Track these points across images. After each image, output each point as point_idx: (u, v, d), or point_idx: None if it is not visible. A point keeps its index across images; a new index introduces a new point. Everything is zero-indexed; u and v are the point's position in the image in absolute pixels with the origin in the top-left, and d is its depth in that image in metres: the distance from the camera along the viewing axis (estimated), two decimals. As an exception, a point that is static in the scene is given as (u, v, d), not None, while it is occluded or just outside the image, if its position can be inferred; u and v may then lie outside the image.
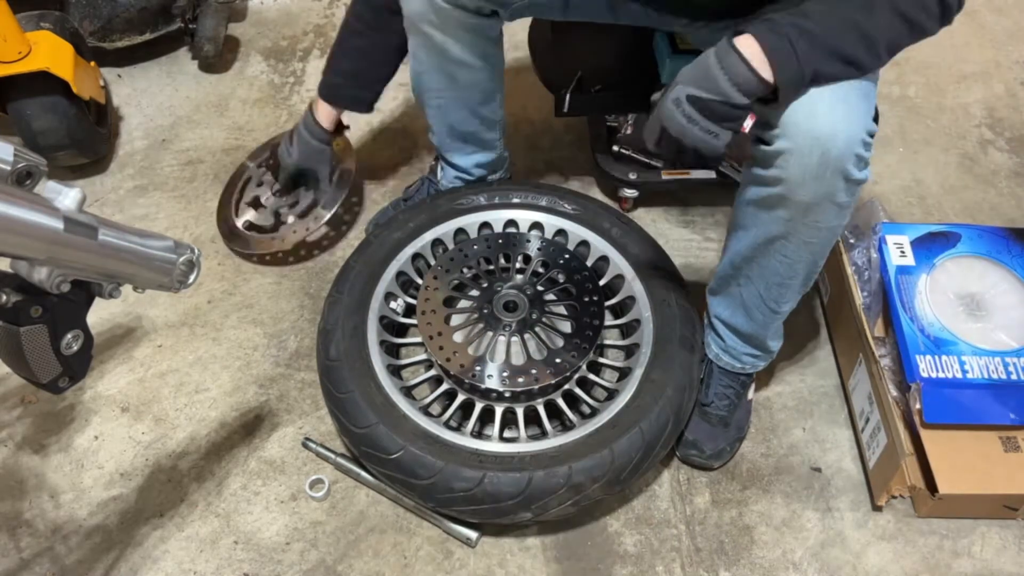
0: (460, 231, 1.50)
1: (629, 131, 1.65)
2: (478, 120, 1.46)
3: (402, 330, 1.48)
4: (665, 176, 1.65)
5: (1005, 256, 1.44)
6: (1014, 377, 1.29)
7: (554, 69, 1.56)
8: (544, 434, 1.28)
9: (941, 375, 1.30)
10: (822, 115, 0.98)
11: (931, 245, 1.45)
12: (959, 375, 1.30)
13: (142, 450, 1.37)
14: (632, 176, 1.64)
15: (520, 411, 1.29)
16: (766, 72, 0.95)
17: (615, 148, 1.67)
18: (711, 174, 1.65)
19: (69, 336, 0.90)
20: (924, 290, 1.39)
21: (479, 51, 1.33)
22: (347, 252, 1.52)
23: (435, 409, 1.36)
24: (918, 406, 1.27)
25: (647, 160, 1.66)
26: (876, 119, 1.06)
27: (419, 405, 1.28)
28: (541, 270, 1.44)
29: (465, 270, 1.43)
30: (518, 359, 1.32)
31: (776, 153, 1.02)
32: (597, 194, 1.75)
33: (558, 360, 1.29)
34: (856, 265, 1.48)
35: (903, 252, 1.44)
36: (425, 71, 1.38)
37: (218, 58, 1.99)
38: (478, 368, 1.28)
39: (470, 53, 1.33)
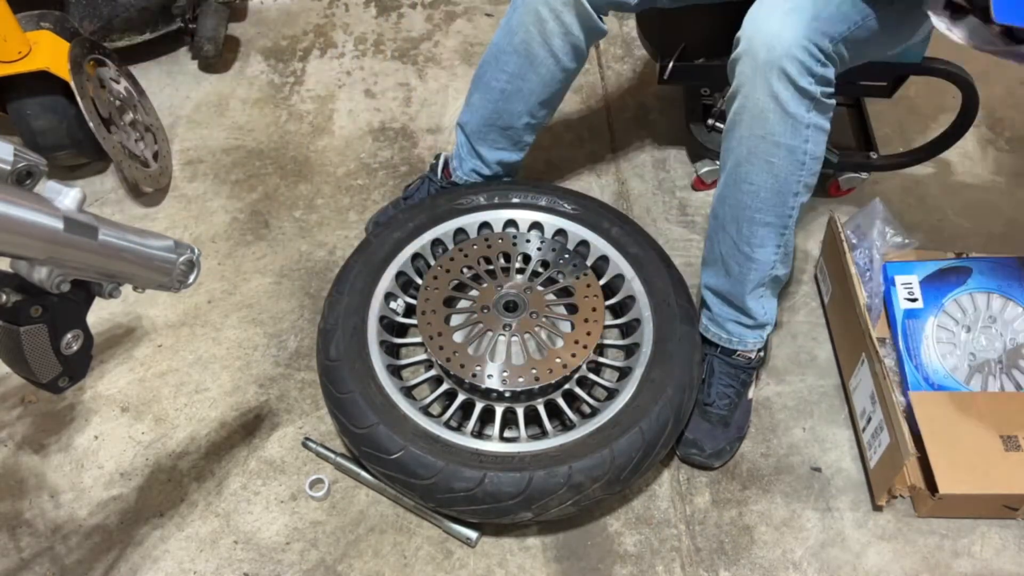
0: (460, 231, 1.50)
1: (724, 107, 1.69)
2: (528, 119, 1.48)
3: (402, 330, 1.48)
4: None
5: (1017, 289, 1.43)
6: None
7: (659, 38, 1.62)
8: (544, 434, 1.28)
9: None
10: (775, 20, 1.11)
11: (940, 285, 1.45)
12: None
13: (142, 450, 1.37)
14: None
15: (520, 411, 1.29)
16: None
17: (709, 121, 1.73)
18: None
19: (69, 336, 0.90)
20: (931, 335, 1.40)
21: (574, 53, 1.39)
22: (347, 252, 1.52)
23: (435, 409, 1.36)
24: (892, 364, 1.32)
25: None
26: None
27: (419, 405, 1.28)
28: (541, 270, 1.44)
29: (465, 270, 1.43)
30: (518, 359, 1.32)
31: (735, 60, 1.16)
32: (597, 193, 1.75)
33: (558, 360, 1.29)
34: (857, 266, 1.48)
35: (911, 294, 1.44)
36: (511, 52, 1.39)
37: (218, 58, 1.99)
38: (478, 368, 1.28)
39: (567, 51, 1.37)
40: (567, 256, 1.44)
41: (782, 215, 1.23)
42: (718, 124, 1.72)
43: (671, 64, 1.55)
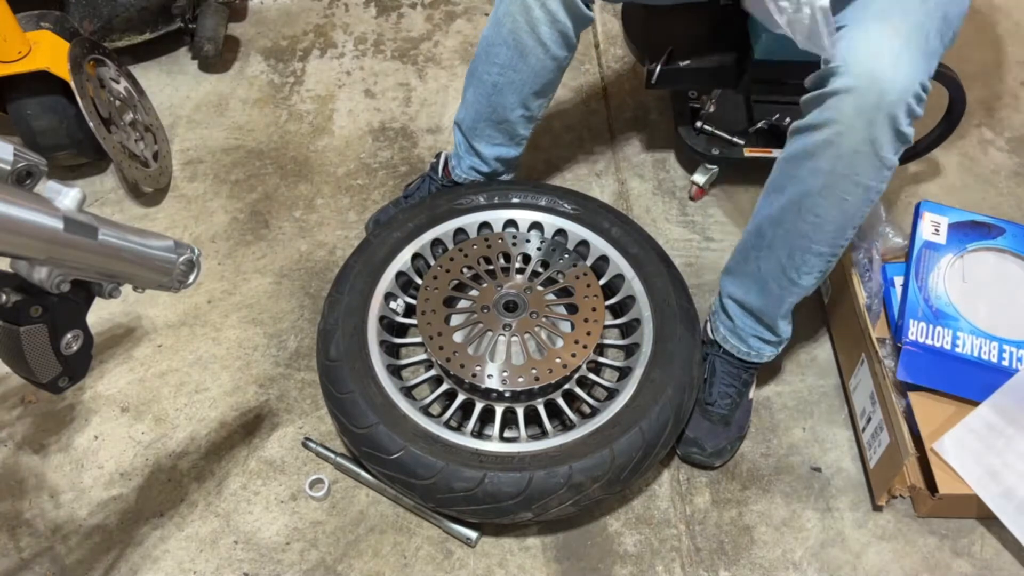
0: (460, 231, 1.50)
1: (712, 109, 1.70)
2: (523, 111, 1.47)
3: (402, 330, 1.48)
4: (748, 153, 1.68)
5: None
6: (1005, 363, 1.29)
7: (645, 42, 1.60)
8: (544, 434, 1.28)
9: (929, 342, 1.31)
10: (887, 59, 1.02)
11: (969, 232, 1.44)
12: (947, 347, 1.31)
13: (142, 450, 1.37)
14: (715, 151, 1.67)
15: (520, 411, 1.29)
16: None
17: (698, 124, 1.71)
18: None
19: (69, 336, 0.90)
20: (944, 267, 1.39)
21: (563, 41, 1.36)
22: (347, 252, 1.52)
23: (435, 409, 1.36)
24: (893, 364, 1.27)
25: (729, 137, 1.69)
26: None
27: (419, 405, 1.28)
28: (541, 270, 1.44)
29: (465, 270, 1.43)
30: (518, 359, 1.32)
31: (831, 93, 1.05)
32: (597, 193, 1.75)
33: (558, 360, 1.29)
34: (857, 266, 1.48)
35: (937, 231, 1.43)
36: (500, 43, 1.38)
37: (218, 58, 1.99)
38: (478, 368, 1.28)
39: (556, 38, 1.35)
40: (567, 256, 1.44)
41: (835, 245, 1.19)
42: (706, 127, 1.71)
43: (659, 68, 1.53)
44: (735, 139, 1.69)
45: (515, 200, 1.52)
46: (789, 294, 1.26)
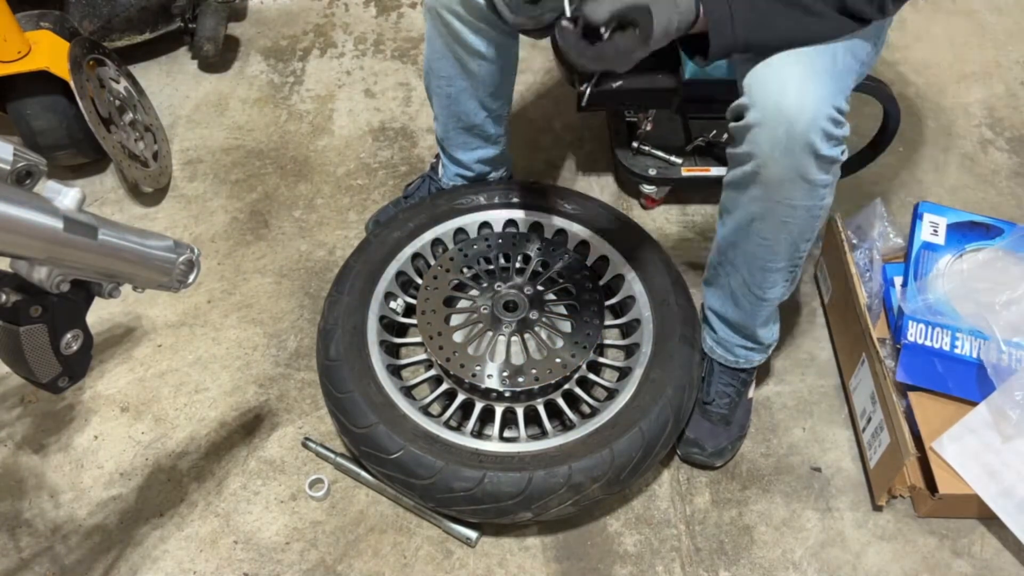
0: (460, 231, 1.50)
1: (649, 128, 1.66)
2: (485, 113, 1.46)
3: (402, 330, 1.48)
4: (685, 172, 1.65)
5: None
6: (1004, 363, 1.29)
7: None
8: (544, 434, 1.28)
9: (928, 343, 1.31)
10: (792, 90, 1.00)
11: (967, 232, 1.44)
12: (946, 348, 1.31)
13: (142, 450, 1.37)
14: (652, 172, 1.64)
15: (520, 411, 1.29)
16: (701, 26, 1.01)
17: (635, 144, 1.67)
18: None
19: (69, 336, 0.90)
20: (944, 268, 1.39)
21: (495, 43, 1.34)
22: (347, 252, 1.52)
23: (435, 409, 1.36)
24: (893, 364, 1.28)
25: (667, 157, 1.67)
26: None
27: (419, 405, 1.28)
28: (541, 270, 1.44)
29: (465, 270, 1.43)
30: (518, 359, 1.32)
31: (747, 127, 1.04)
32: (597, 193, 1.75)
33: (558, 360, 1.29)
34: (858, 266, 1.48)
35: (936, 231, 1.43)
36: (439, 58, 1.38)
37: (218, 58, 1.99)
38: (478, 368, 1.28)
39: (486, 44, 1.33)
40: (567, 255, 1.44)
41: (793, 258, 1.19)
42: (643, 147, 1.67)
43: (588, 90, 1.51)
44: (672, 158, 1.65)
45: (515, 200, 1.52)
46: (759, 308, 1.27)
